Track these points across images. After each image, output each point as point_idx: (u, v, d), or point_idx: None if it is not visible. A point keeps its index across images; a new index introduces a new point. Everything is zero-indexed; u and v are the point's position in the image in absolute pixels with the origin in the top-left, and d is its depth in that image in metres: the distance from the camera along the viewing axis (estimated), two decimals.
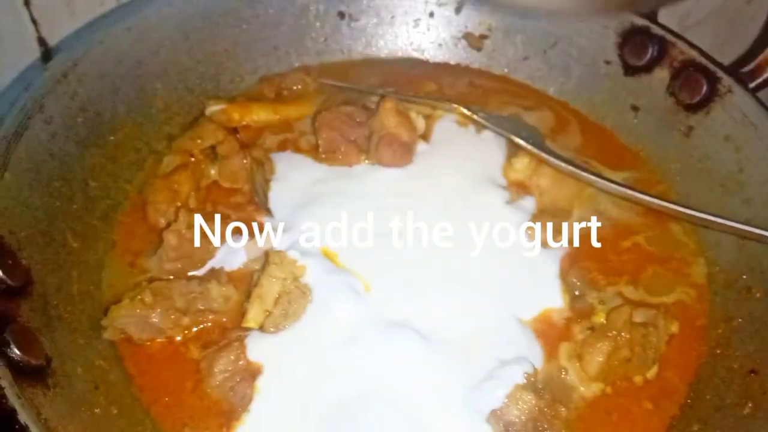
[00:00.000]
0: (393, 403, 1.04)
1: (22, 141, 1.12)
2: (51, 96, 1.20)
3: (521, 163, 1.39)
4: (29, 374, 0.90)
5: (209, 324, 1.14)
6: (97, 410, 0.97)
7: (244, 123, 1.42)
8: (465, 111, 1.39)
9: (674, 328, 1.17)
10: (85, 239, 1.20)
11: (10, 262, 1.00)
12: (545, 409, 1.00)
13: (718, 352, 1.14)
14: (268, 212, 1.29)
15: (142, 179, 1.34)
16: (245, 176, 1.32)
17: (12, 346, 0.88)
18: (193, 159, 1.34)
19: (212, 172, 1.34)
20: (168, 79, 1.42)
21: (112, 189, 1.30)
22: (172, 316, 1.11)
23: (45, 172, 1.16)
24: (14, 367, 0.88)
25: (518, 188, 1.38)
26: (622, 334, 1.09)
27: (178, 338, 1.13)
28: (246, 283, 1.19)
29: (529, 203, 1.35)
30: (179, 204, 1.26)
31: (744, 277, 1.20)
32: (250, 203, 1.31)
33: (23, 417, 0.81)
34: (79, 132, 1.25)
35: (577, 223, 1.32)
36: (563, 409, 1.01)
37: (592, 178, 1.27)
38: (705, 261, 1.28)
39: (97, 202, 1.26)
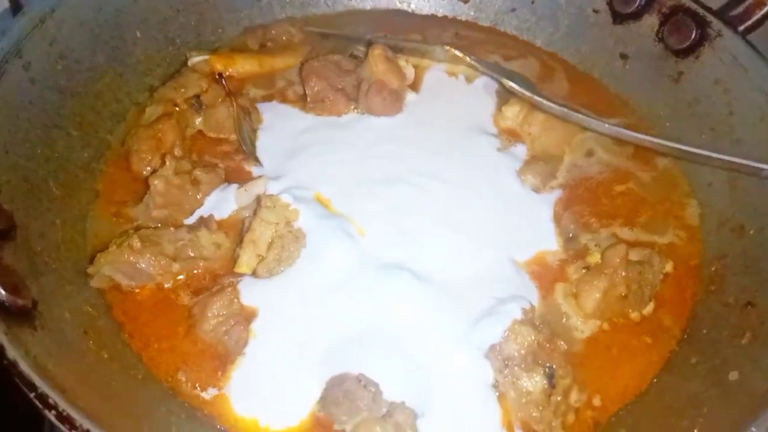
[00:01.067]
0: (391, 342, 1.02)
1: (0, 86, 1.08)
2: (28, 41, 1.15)
3: (512, 111, 1.38)
4: (16, 315, 0.87)
5: (200, 271, 1.11)
6: (87, 354, 0.95)
7: (228, 74, 1.38)
8: (456, 53, 1.37)
9: (668, 267, 1.17)
10: (67, 188, 1.16)
11: None
12: (544, 343, 0.99)
13: (713, 288, 1.15)
14: (257, 161, 1.27)
15: (125, 130, 1.31)
16: (231, 125, 1.29)
17: None
18: (177, 108, 1.30)
19: (197, 121, 1.31)
20: (148, 28, 1.38)
21: (94, 139, 1.26)
22: (162, 262, 1.08)
23: (24, 118, 1.12)
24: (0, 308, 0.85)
25: (509, 136, 1.37)
26: (618, 271, 1.08)
27: (168, 285, 1.10)
28: (237, 230, 1.16)
29: (520, 150, 1.34)
30: (164, 153, 1.22)
31: (736, 215, 1.20)
32: (237, 152, 1.28)
33: (11, 352, 0.78)
34: (58, 80, 1.21)
35: (569, 168, 1.31)
36: (562, 343, 1.01)
37: (584, 119, 1.26)
38: (697, 203, 1.28)
39: (79, 152, 1.22)
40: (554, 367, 0.98)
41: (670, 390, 1.02)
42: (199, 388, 1.00)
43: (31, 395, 0.75)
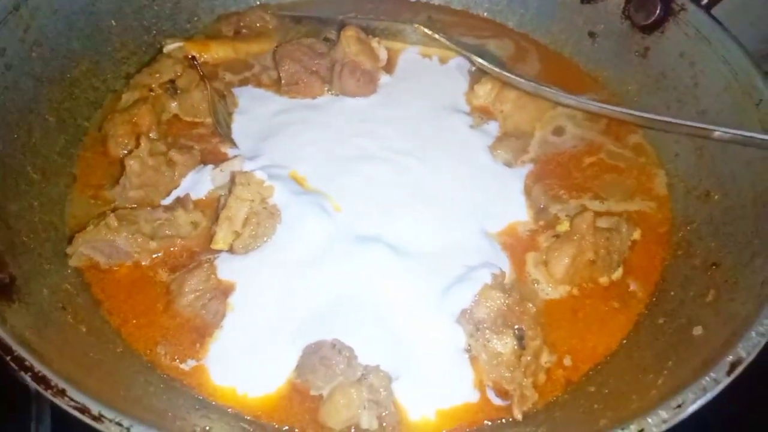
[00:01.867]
0: (366, 310, 1.04)
1: None
2: (3, 28, 1.17)
3: (483, 90, 1.41)
4: None
5: (177, 249, 1.13)
6: (64, 327, 0.96)
7: (203, 60, 1.40)
8: (427, 31, 1.39)
9: (636, 234, 1.20)
10: (45, 172, 1.18)
11: None
12: (514, 306, 1.02)
13: (680, 253, 1.18)
14: (232, 143, 1.28)
15: (101, 117, 1.33)
16: (206, 109, 1.31)
17: None
18: (152, 93, 1.32)
19: (172, 106, 1.33)
20: (123, 16, 1.40)
21: (71, 125, 1.28)
22: (139, 240, 1.09)
23: (0, 103, 1.13)
24: None
25: (482, 113, 1.39)
26: (586, 237, 1.11)
27: (145, 263, 1.11)
28: (213, 209, 1.18)
29: (492, 127, 1.37)
30: (139, 136, 1.24)
31: (702, 183, 1.23)
32: (213, 135, 1.30)
33: None
34: (34, 66, 1.22)
35: (540, 143, 1.34)
36: (531, 306, 1.03)
37: (554, 93, 1.29)
38: (665, 173, 1.31)
39: (56, 137, 1.24)
40: (524, 328, 1.00)
41: (639, 349, 1.05)
42: (177, 360, 1.02)
43: (7, 358, 0.76)
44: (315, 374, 0.98)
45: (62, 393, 0.75)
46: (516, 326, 1.01)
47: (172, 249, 1.13)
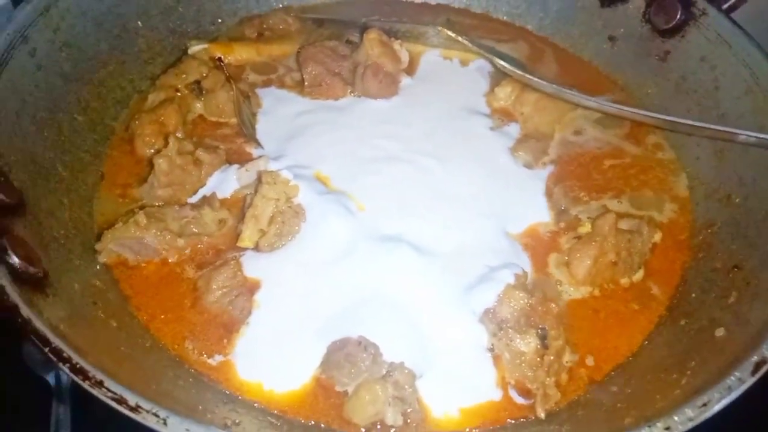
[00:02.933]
0: (390, 309, 1.06)
1: (7, 69, 1.12)
2: (34, 28, 1.19)
3: (504, 92, 1.42)
4: (27, 282, 0.90)
5: (203, 246, 1.15)
6: (96, 321, 0.98)
7: (227, 61, 1.43)
8: (450, 33, 1.41)
9: (657, 237, 1.20)
10: (74, 170, 1.20)
11: (2, 179, 1.00)
12: (537, 306, 1.03)
13: (701, 256, 1.18)
14: (257, 143, 1.30)
15: (128, 116, 1.35)
16: (231, 109, 1.33)
17: (9, 252, 0.88)
18: (178, 94, 1.34)
19: (198, 106, 1.35)
20: (149, 18, 1.43)
21: (99, 124, 1.30)
22: (168, 237, 1.11)
23: (31, 102, 1.16)
24: (13, 273, 0.88)
25: (502, 115, 1.40)
26: (608, 239, 1.12)
27: (172, 260, 1.13)
28: (239, 208, 1.19)
29: (513, 129, 1.38)
30: (167, 135, 1.26)
31: (723, 186, 1.24)
32: (238, 135, 1.32)
33: (25, 311, 0.81)
34: (63, 66, 1.25)
35: (561, 145, 1.35)
36: (554, 306, 1.04)
37: (575, 95, 1.30)
38: (686, 175, 1.32)
39: (84, 136, 1.26)
40: (546, 328, 1.01)
41: (660, 349, 1.05)
42: (205, 356, 1.03)
43: (46, 350, 0.78)
44: (340, 370, 0.99)
45: (100, 384, 0.76)
46: (539, 326, 1.02)
47: (199, 246, 1.15)
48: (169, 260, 1.13)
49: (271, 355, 1.03)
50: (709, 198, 1.25)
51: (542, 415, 0.98)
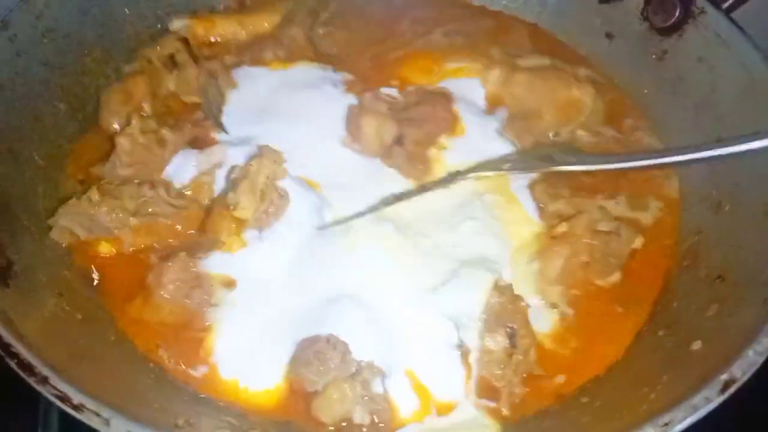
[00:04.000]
0: (359, 308, 1.04)
1: None
2: (15, 14, 1.18)
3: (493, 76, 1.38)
4: None
5: (162, 231, 1.12)
6: (58, 313, 0.97)
7: (213, 39, 1.41)
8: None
9: (638, 242, 1.17)
10: (52, 159, 1.19)
11: None
12: (507, 305, 1.02)
13: (686, 264, 1.15)
14: (221, 127, 1.27)
15: None
16: (198, 88, 1.30)
17: None
18: (150, 65, 1.33)
19: (169, 80, 1.32)
20: (136, 4, 1.40)
21: (81, 113, 1.29)
22: (120, 215, 1.09)
23: (9, 88, 1.15)
24: None
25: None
26: (582, 239, 1.10)
27: (127, 241, 1.11)
28: (198, 193, 1.17)
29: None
30: (132, 109, 1.25)
31: (714, 193, 1.20)
32: (207, 119, 1.28)
33: None
34: (45, 53, 1.23)
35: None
36: (524, 304, 1.03)
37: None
38: (678, 178, 1.27)
39: (64, 125, 1.25)
40: (515, 327, 1.00)
41: (637, 360, 1.03)
42: (183, 364, 1.02)
43: None
44: (309, 368, 0.98)
45: (44, 381, 0.75)
46: (508, 325, 1.01)
47: (154, 229, 1.12)
48: (123, 240, 1.10)
49: (244, 354, 1.02)
50: (699, 204, 1.21)
51: (507, 412, 0.98)
